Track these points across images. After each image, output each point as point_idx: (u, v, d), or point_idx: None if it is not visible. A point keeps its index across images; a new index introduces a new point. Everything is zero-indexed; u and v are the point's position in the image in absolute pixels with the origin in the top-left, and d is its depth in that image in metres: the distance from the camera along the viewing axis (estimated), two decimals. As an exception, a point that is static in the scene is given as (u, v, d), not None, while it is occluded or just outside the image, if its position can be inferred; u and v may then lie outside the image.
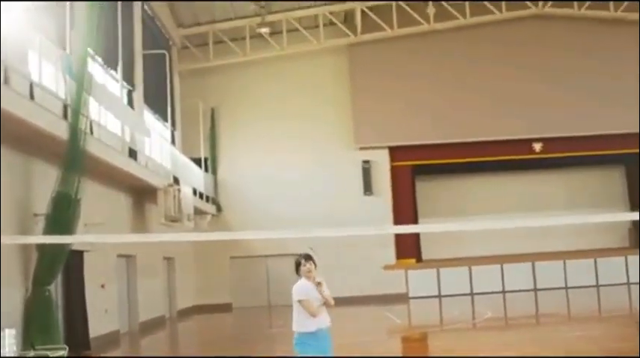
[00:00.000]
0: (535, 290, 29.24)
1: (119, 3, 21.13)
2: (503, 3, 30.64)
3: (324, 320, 7.70)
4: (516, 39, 30.93)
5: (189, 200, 23.46)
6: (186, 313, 27.41)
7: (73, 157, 13.71)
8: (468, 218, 30.37)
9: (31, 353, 9.55)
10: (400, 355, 15.36)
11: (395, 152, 31.07)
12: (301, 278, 7.74)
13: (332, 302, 7.73)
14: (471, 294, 29.11)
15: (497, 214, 30.58)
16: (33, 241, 13.22)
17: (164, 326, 23.74)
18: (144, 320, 21.89)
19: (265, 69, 31.01)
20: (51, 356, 8.84)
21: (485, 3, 30.37)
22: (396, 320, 21.93)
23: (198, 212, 25.96)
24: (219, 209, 30.27)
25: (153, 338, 20.67)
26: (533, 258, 29.97)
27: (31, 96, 13.34)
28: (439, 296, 29.22)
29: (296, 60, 30.95)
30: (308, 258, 7.69)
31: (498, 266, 29.79)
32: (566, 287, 29.05)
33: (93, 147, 15.12)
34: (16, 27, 12.80)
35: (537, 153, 31.09)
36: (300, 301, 7.65)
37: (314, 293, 7.62)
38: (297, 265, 7.74)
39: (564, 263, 29.63)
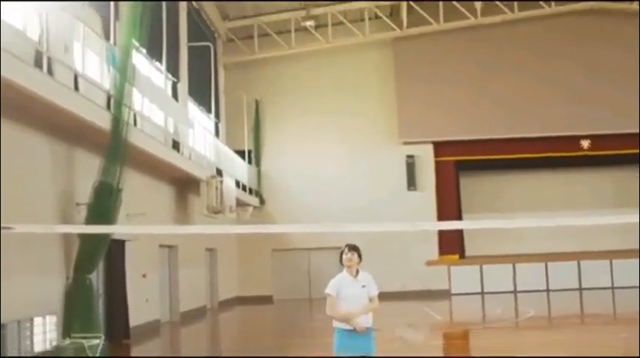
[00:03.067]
0: (580, 289, 28.74)
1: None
2: (553, -3, 30.12)
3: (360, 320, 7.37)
4: (565, 34, 30.29)
5: (231, 192, 23.55)
6: (227, 304, 27.56)
7: (115, 148, 13.84)
8: (513, 214, 29.85)
9: (67, 341, 9.64)
10: (441, 353, 15.17)
11: (439, 147, 30.76)
12: (343, 270, 7.54)
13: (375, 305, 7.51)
14: (514, 292, 28.74)
15: (543, 212, 29.99)
16: (76, 231, 13.41)
17: (205, 317, 23.92)
18: (185, 310, 22.07)
19: (310, 62, 30.93)
20: (87, 344, 8.91)
21: (533, -3, 29.88)
22: (436, 316, 21.74)
23: (240, 204, 26.06)
24: (261, 201, 30.35)
25: (193, 328, 20.82)
26: (579, 256, 29.44)
27: (76, 88, 13.50)
28: (482, 293, 28.91)
29: (341, 54, 30.82)
30: (352, 248, 7.52)
31: (543, 264, 29.38)
32: (613, 287, 28.44)
33: (136, 138, 15.24)
34: (60, 18, 12.93)
35: (585, 150, 30.52)
36: (326, 294, 7.47)
37: (350, 289, 7.39)
38: (341, 254, 7.54)
39: (611, 262, 29.05)
